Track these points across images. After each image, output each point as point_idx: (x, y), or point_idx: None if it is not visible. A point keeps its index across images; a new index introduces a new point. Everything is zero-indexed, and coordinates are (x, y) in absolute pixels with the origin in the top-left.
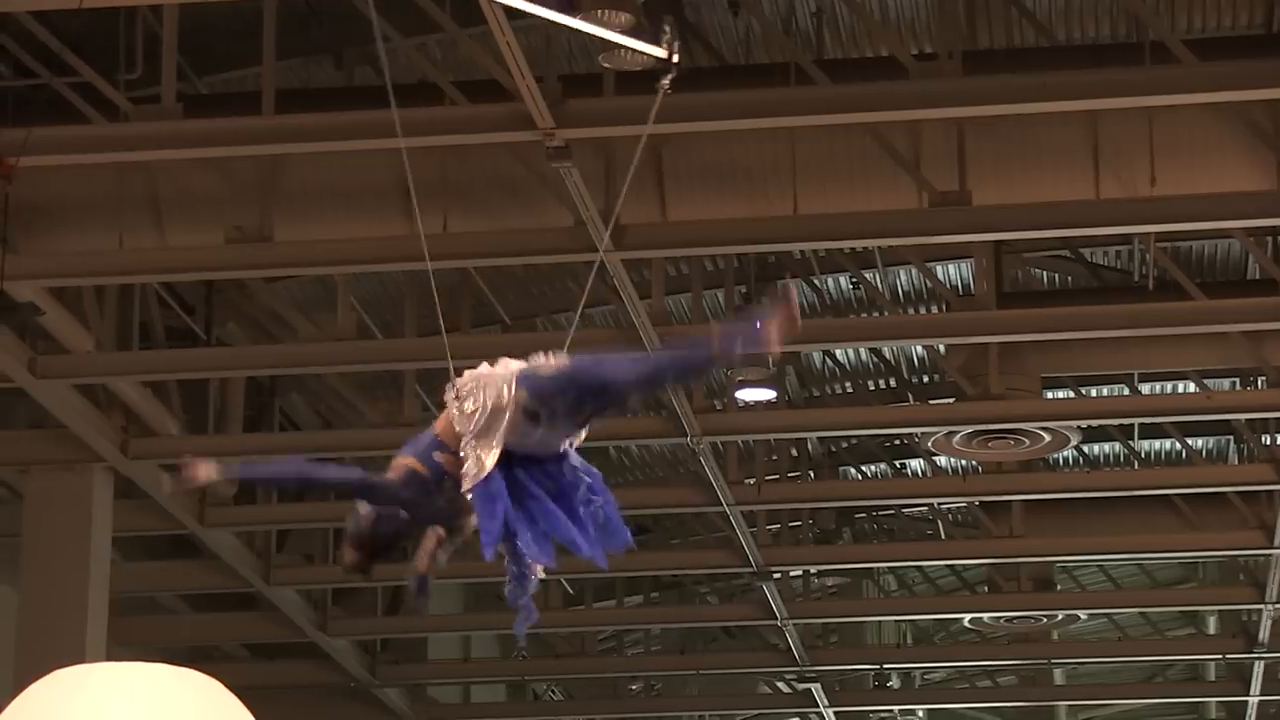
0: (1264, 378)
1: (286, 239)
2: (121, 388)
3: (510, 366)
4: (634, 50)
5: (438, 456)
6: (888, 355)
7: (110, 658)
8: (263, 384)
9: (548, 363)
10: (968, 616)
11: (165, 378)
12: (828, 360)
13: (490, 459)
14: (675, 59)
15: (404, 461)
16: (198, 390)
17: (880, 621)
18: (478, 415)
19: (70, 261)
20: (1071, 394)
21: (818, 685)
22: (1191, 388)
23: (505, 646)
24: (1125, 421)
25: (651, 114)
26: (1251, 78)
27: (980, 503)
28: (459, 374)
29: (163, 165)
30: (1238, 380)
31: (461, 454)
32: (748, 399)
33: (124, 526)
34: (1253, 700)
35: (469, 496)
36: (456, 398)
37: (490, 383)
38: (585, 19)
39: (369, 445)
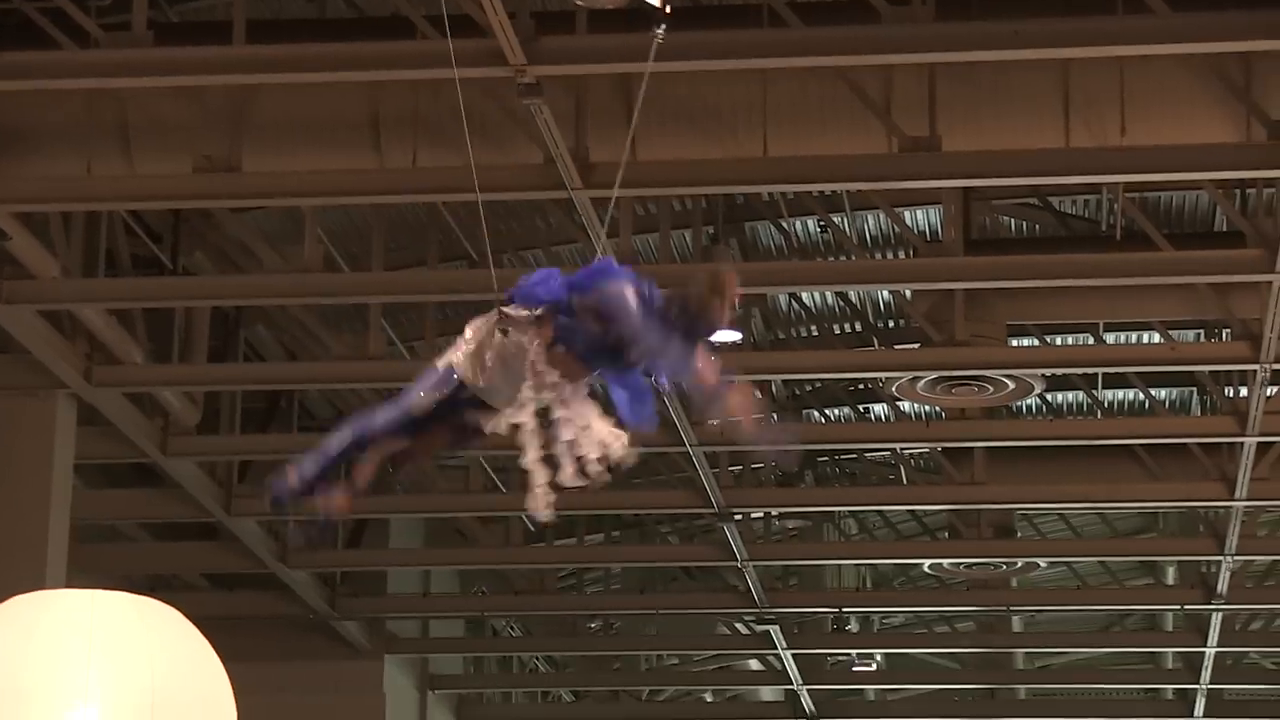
0: (1228, 330)
1: (255, 169)
2: (86, 315)
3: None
4: None
5: None
6: (854, 299)
7: (70, 585)
8: (228, 314)
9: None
10: (927, 562)
11: (130, 306)
12: (794, 303)
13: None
14: (668, 9)
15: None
16: (163, 319)
17: (840, 565)
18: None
19: (38, 187)
20: (1036, 342)
21: (776, 627)
22: (1156, 338)
23: (465, 582)
24: (1089, 371)
25: (650, 54)
26: (1224, 30)
27: (943, 448)
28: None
29: (132, 93)
30: (1202, 332)
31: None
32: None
33: (86, 454)
34: (1209, 651)
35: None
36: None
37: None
38: None
39: (334, 378)
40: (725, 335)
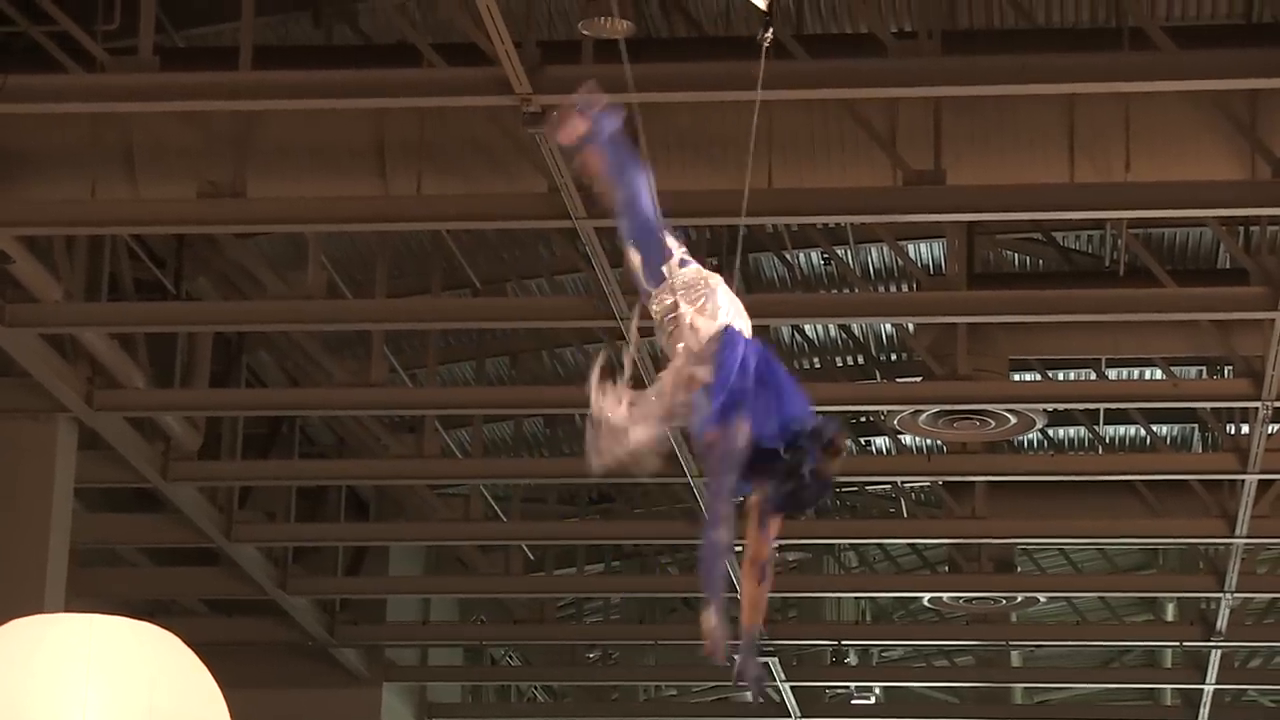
0: (1230, 367)
1: (259, 195)
2: (89, 338)
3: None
4: (612, 18)
5: None
6: (857, 332)
7: (69, 609)
8: (230, 340)
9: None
10: (927, 596)
11: (133, 330)
12: (797, 335)
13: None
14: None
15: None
16: (165, 344)
17: (840, 598)
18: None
19: (42, 211)
20: (1038, 377)
21: (775, 660)
22: (1158, 375)
23: (464, 610)
24: (1091, 406)
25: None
26: (1229, 67)
27: (944, 482)
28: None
29: (137, 117)
30: (1204, 369)
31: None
32: None
33: (87, 477)
34: (1208, 688)
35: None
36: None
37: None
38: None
39: (336, 404)
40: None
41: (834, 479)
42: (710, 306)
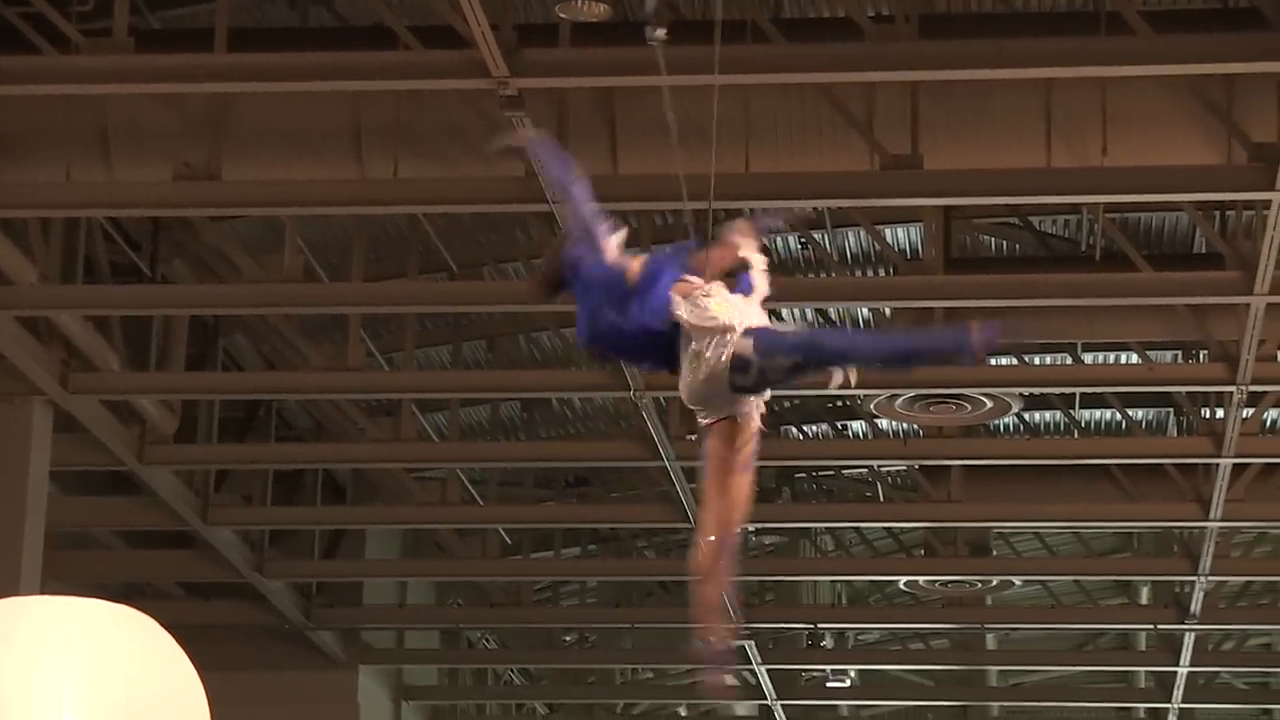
0: (1206, 351)
1: (235, 178)
2: (64, 321)
3: (749, 314)
4: (589, 1)
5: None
6: (834, 316)
7: (44, 592)
8: (207, 323)
9: (785, 324)
10: (903, 579)
11: (108, 313)
12: (774, 319)
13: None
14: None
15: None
16: (141, 327)
17: (816, 581)
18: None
19: (16, 193)
20: (1014, 361)
21: (751, 643)
22: (1134, 359)
23: (441, 593)
24: (1067, 390)
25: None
26: (1206, 52)
27: (920, 466)
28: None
29: (113, 99)
30: (1180, 353)
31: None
32: None
33: (62, 461)
34: (1182, 671)
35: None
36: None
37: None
38: None
39: (312, 388)
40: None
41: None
42: None
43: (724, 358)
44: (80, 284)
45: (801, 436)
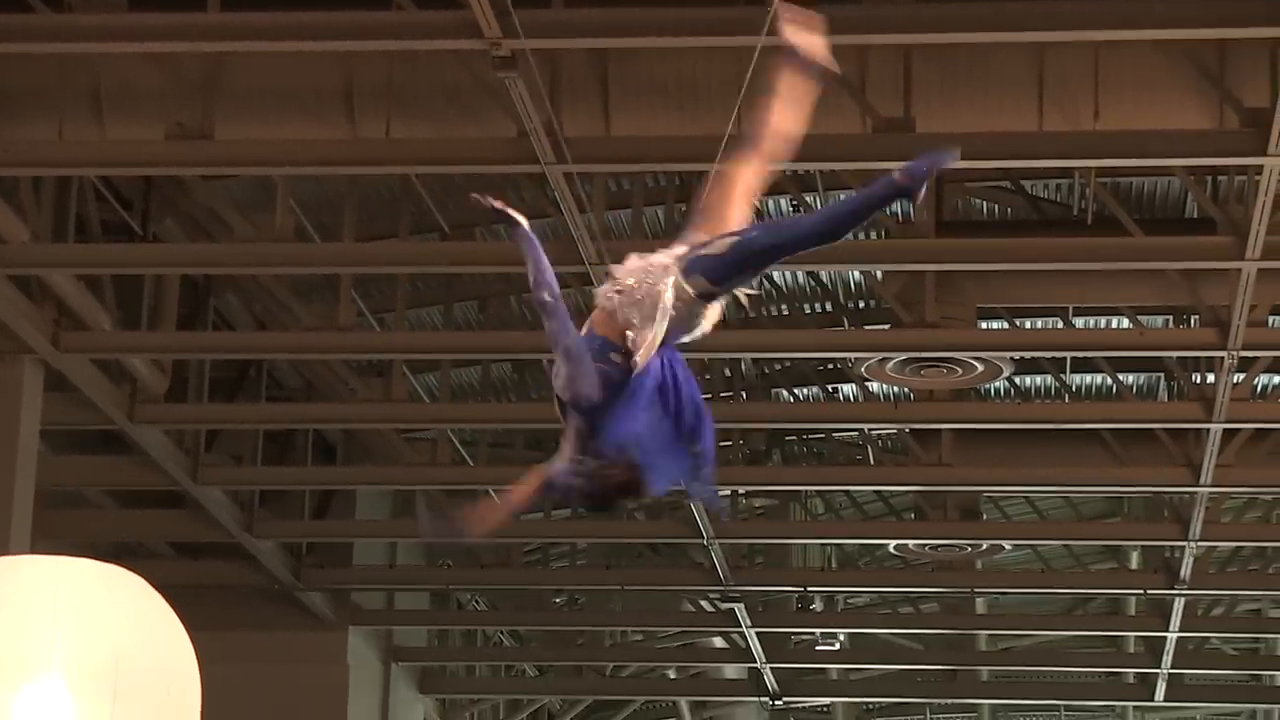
0: (1197, 316)
1: (227, 137)
2: (55, 280)
3: (666, 256)
4: None
5: (614, 358)
6: (825, 279)
7: (34, 551)
8: (198, 282)
9: (710, 241)
10: (893, 543)
11: (100, 272)
12: (765, 282)
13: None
14: None
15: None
16: (132, 286)
17: (805, 545)
18: (644, 303)
19: (8, 151)
20: (1006, 325)
21: (741, 605)
22: (1125, 323)
23: (431, 555)
24: (1058, 354)
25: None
26: (1199, 16)
27: (910, 430)
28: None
29: (105, 58)
30: (1171, 318)
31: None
32: None
33: (52, 419)
34: (1171, 636)
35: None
36: (618, 291)
37: (653, 272)
38: None
39: (303, 348)
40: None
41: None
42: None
43: (675, 300)
44: (72, 243)
45: (791, 399)
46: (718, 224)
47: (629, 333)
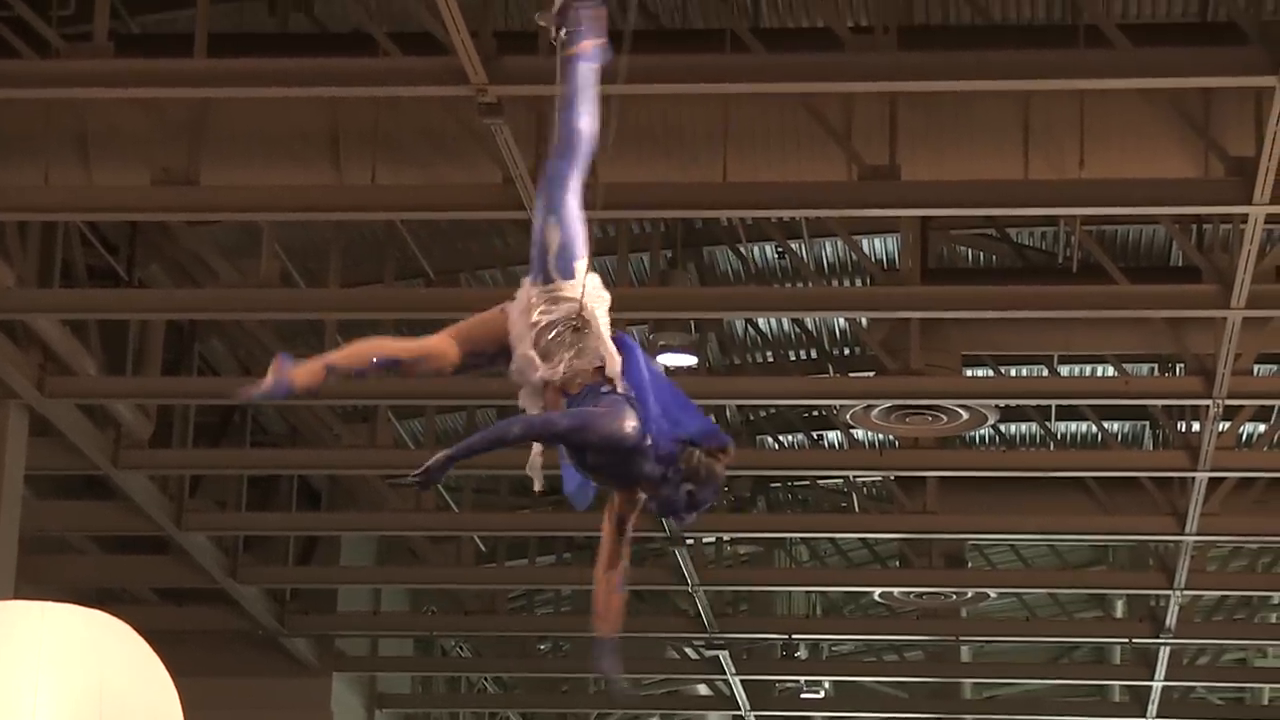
0: (1182, 364)
1: (213, 183)
2: (41, 325)
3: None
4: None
5: (604, 391)
6: (810, 326)
7: (18, 596)
8: (183, 327)
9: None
10: (878, 590)
11: (85, 317)
12: (750, 329)
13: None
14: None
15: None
16: (117, 331)
17: (790, 592)
18: (571, 336)
19: None
20: (991, 373)
21: (726, 653)
22: (1110, 372)
23: (415, 601)
24: (1043, 402)
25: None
26: (1184, 65)
27: (895, 477)
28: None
29: (92, 103)
30: (1156, 367)
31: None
32: (668, 364)
33: (37, 464)
34: (1157, 685)
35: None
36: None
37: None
38: None
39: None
40: (681, 359)
41: (721, 480)
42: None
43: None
44: (57, 288)
45: (776, 446)
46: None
47: (586, 367)
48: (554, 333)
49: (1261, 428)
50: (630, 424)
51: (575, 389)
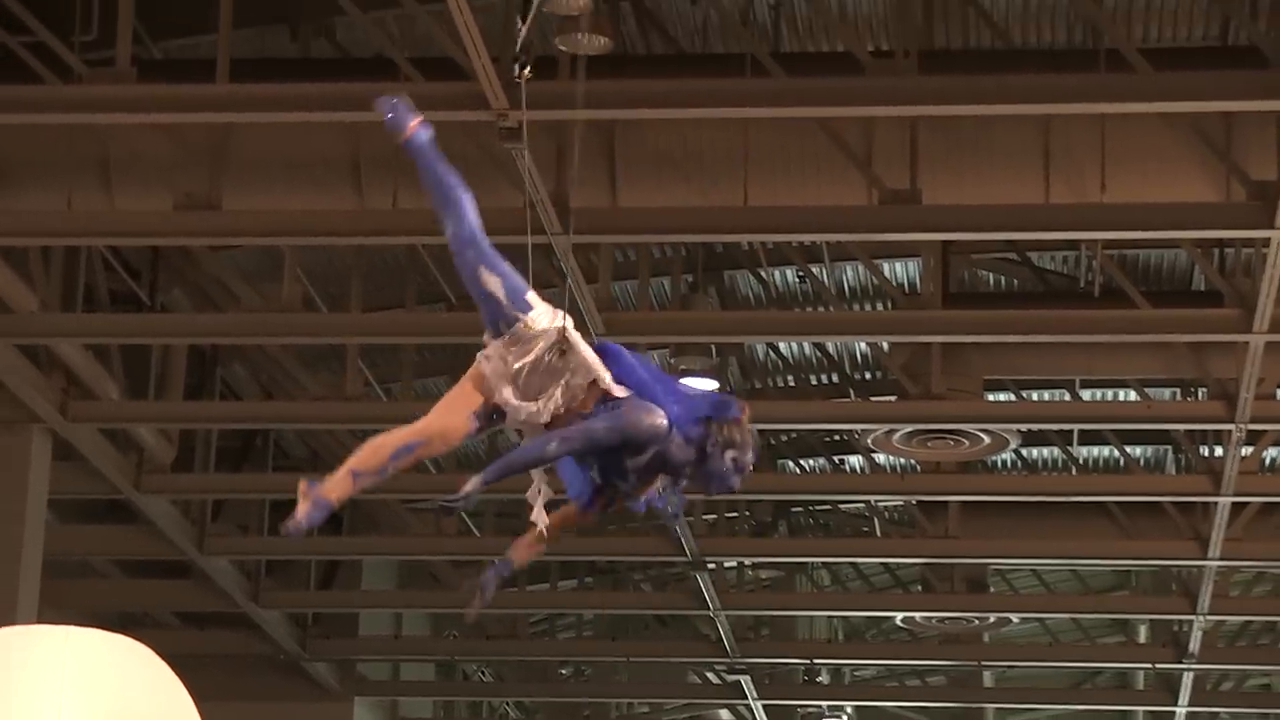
0: (1205, 389)
1: (235, 208)
2: (64, 349)
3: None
4: (589, 34)
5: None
6: (831, 351)
7: (41, 621)
8: (205, 352)
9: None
10: (900, 615)
11: (108, 341)
12: (771, 353)
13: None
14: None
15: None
16: (140, 355)
17: (812, 616)
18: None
19: (17, 221)
20: (1013, 397)
21: (747, 678)
22: (1133, 396)
23: (436, 625)
24: (1065, 427)
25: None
26: (1205, 89)
27: (917, 502)
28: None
29: (114, 128)
30: (1178, 391)
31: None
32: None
33: (60, 489)
34: (1180, 711)
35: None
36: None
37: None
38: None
39: (310, 418)
40: (702, 384)
41: (754, 436)
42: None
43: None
44: (80, 313)
45: (798, 471)
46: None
47: (583, 383)
48: (541, 367)
49: None
50: (659, 416)
51: (585, 409)
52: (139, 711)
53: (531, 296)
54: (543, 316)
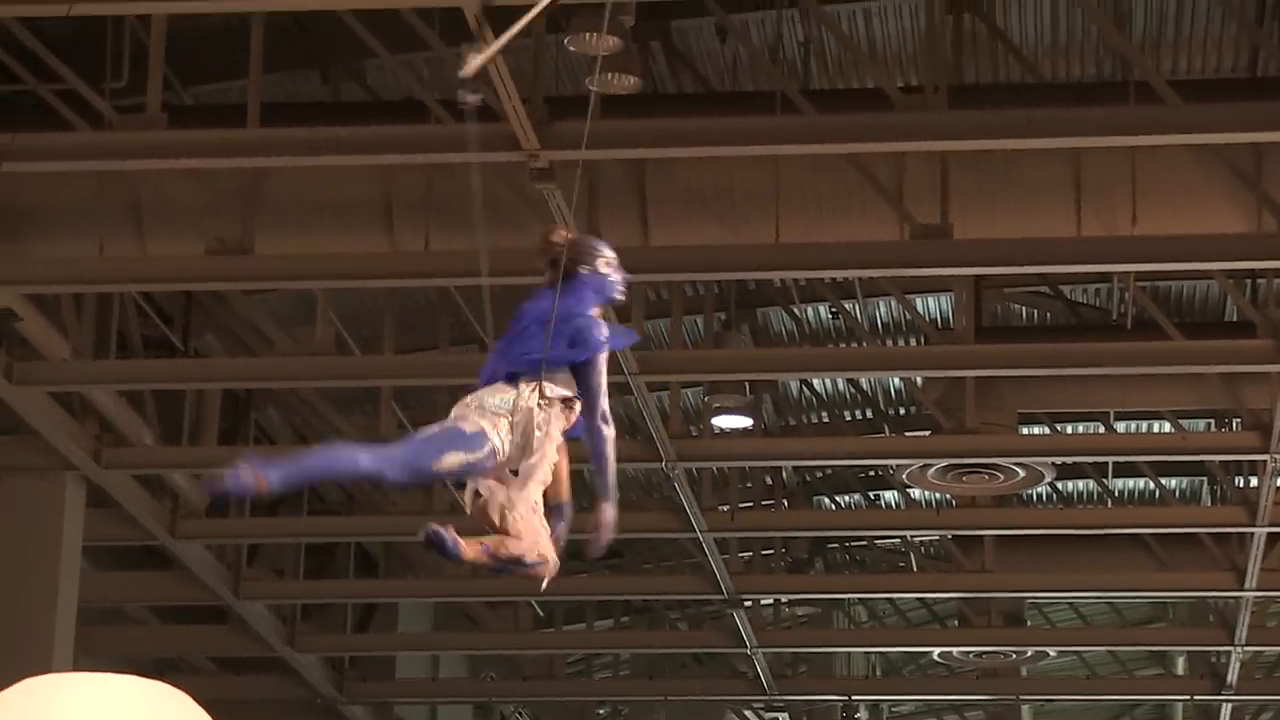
0: (1239, 420)
1: (267, 252)
2: (97, 396)
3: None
4: (620, 74)
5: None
6: (865, 386)
7: (76, 668)
8: (239, 396)
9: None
10: (937, 650)
11: (141, 387)
12: (805, 389)
13: None
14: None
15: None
16: (173, 400)
17: (850, 652)
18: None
19: (50, 268)
20: (1047, 430)
21: (785, 715)
22: (1167, 428)
23: (473, 667)
24: (1100, 459)
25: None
26: (1234, 120)
27: (953, 536)
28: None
29: (145, 174)
30: (1213, 422)
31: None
32: (724, 426)
33: (95, 535)
34: None
35: None
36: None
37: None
38: (572, 42)
39: None
40: (736, 421)
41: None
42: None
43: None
44: (113, 359)
45: (833, 506)
46: None
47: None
48: (523, 425)
49: None
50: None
51: (571, 420)
52: None
53: (468, 427)
54: (500, 430)
